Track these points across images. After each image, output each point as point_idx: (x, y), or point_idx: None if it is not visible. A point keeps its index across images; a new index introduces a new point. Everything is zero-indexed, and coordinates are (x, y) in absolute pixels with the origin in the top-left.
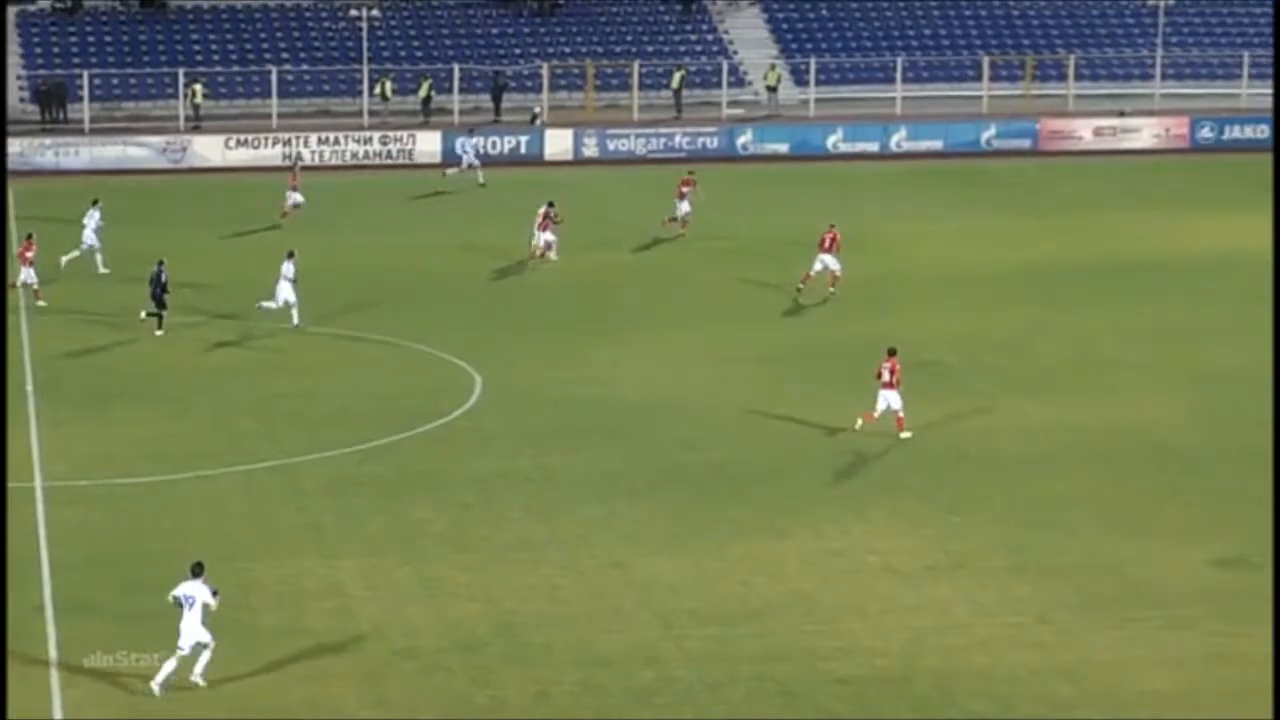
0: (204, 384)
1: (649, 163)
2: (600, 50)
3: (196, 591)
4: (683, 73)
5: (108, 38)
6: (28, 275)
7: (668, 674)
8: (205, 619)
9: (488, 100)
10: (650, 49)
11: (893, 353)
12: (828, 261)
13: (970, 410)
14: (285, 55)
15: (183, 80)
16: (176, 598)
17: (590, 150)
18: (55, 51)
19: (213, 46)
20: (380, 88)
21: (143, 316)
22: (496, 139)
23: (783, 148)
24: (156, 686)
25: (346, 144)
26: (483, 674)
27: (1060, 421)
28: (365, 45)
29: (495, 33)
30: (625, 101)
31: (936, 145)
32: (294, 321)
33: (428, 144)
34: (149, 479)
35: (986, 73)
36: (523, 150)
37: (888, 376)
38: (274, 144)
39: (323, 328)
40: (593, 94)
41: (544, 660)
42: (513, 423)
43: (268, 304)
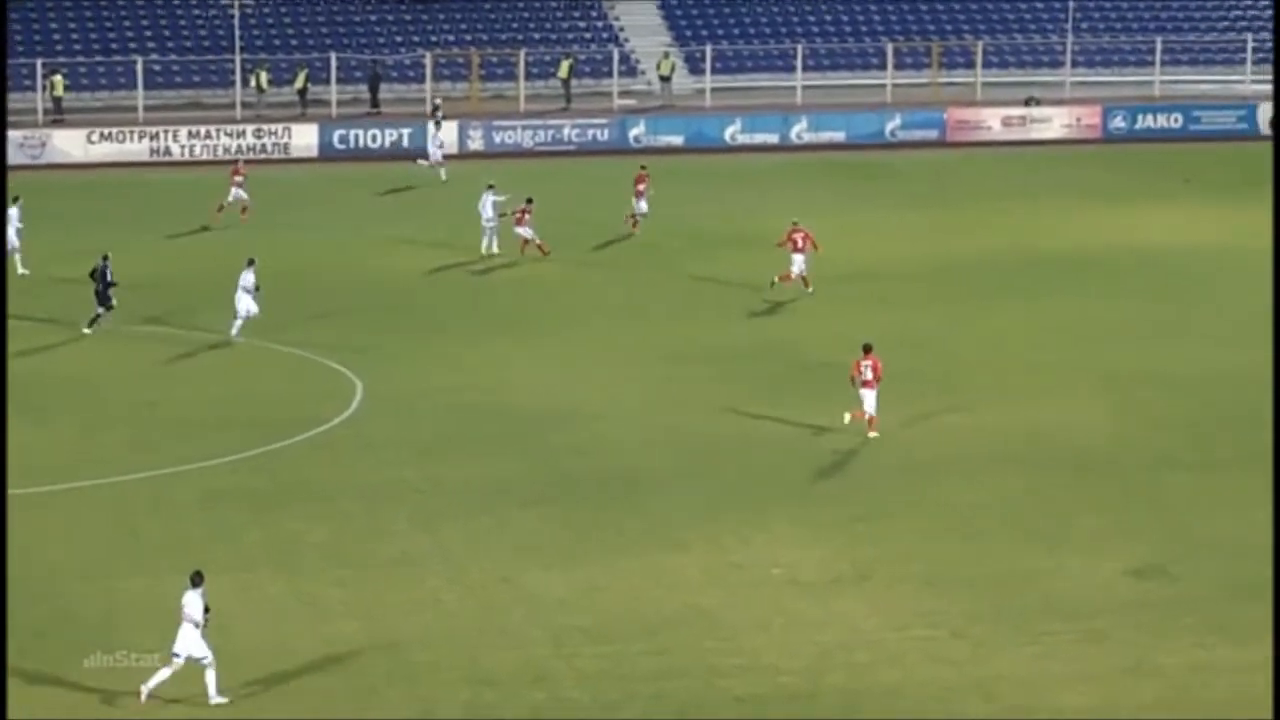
0: (72, 392)
1: (537, 156)
2: (485, 38)
3: (188, 604)
4: (571, 62)
5: None
6: None
7: (559, 694)
8: (204, 632)
9: (367, 91)
10: (537, 37)
11: (868, 349)
12: (799, 262)
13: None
14: (152, 44)
15: (41, 71)
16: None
17: (476, 143)
18: None
19: (74, 35)
20: (255, 79)
21: (86, 331)
22: (376, 132)
23: (677, 140)
24: (145, 691)
25: (219, 138)
26: (364, 695)
27: (971, 424)
28: (238, 33)
29: (375, 20)
30: (511, 92)
31: (839, 136)
32: (233, 332)
33: (304, 137)
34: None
35: (891, 60)
36: (405, 144)
37: (868, 375)
38: (140, 138)
39: (196, 332)
40: (477, 84)
41: (429, 680)
42: (397, 430)
43: (236, 324)
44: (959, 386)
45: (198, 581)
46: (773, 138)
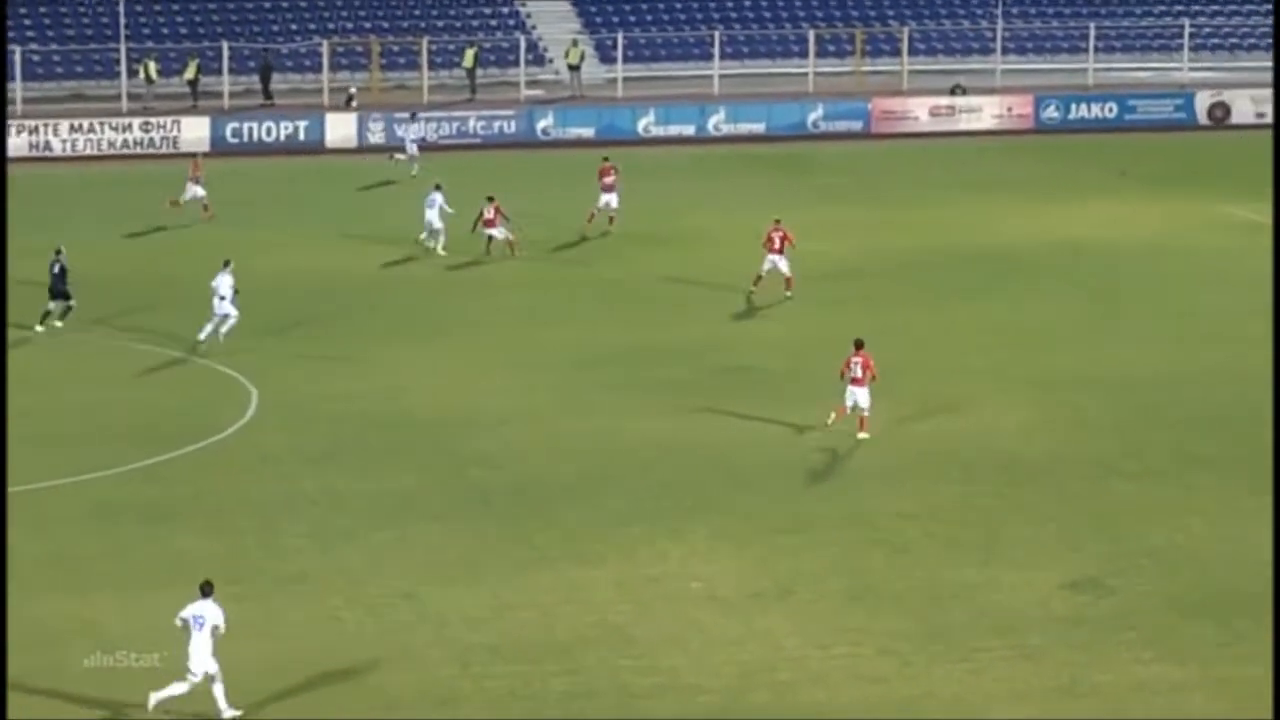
0: None
1: (441, 150)
2: (386, 26)
3: (207, 612)
4: (476, 50)
5: None
6: None
7: (467, 717)
8: (214, 645)
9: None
10: (440, 24)
11: (860, 345)
12: (777, 262)
13: (799, 420)
14: (31, 33)
15: None
16: (185, 620)
17: (376, 136)
18: None
19: None
20: (143, 69)
21: (39, 329)
22: (271, 124)
23: (588, 132)
24: (153, 700)
25: (103, 132)
26: None
27: (899, 431)
28: (124, 22)
29: (269, 7)
30: (414, 82)
31: (758, 128)
32: (203, 333)
33: (195, 130)
34: None
35: (813, 48)
36: (301, 137)
37: (859, 372)
38: (19, 132)
39: (81, 334)
40: (378, 74)
41: (328, 704)
42: (294, 440)
43: (208, 330)
44: (885, 391)
45: (208, 591)
46: (688, 130)
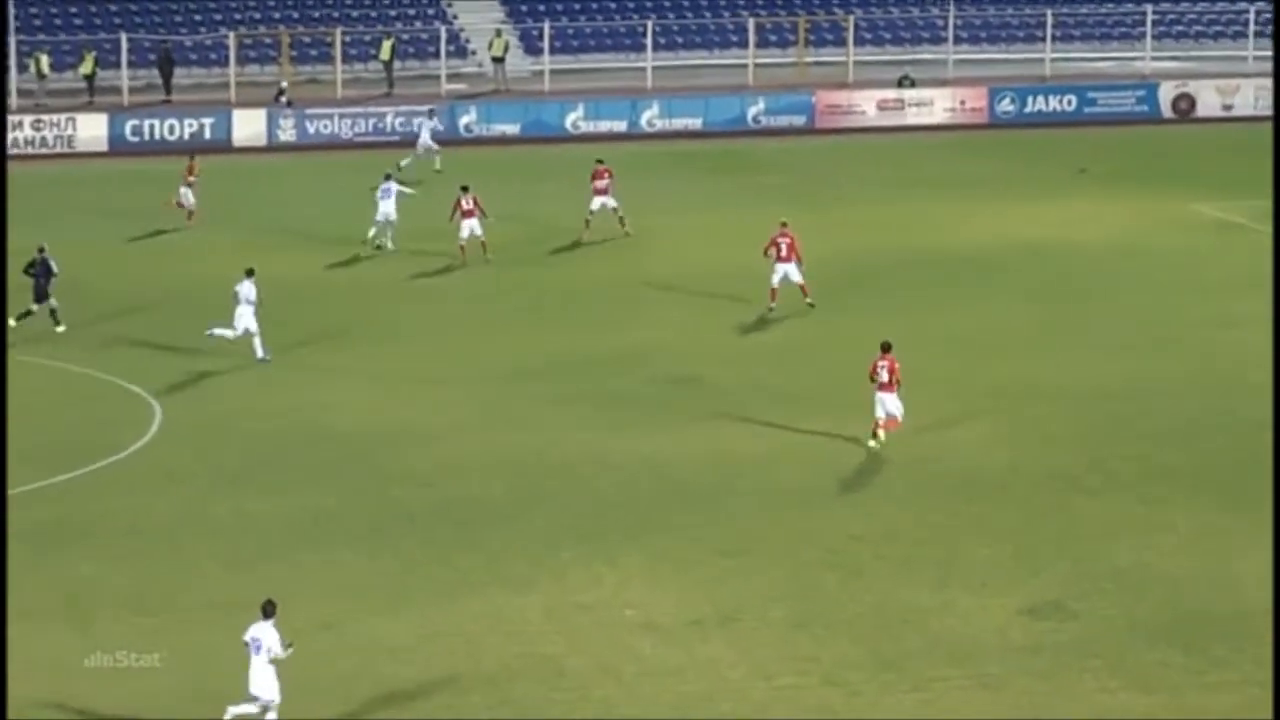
0: None
1: (357, 148)
2: (295, 16)
3: (264, 636)
4: (393, 41)
5: None
6: None
7: None
8: (276, 669)
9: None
10: (355, 14)
11: (887, 348)
12: (789, 272)
13: (741, 434)
14: None
15: None
16: (245, 641)
17: (287, 134)
18: None
19: None
20: (34, 63)
21: (12, 323)
22: (174, 122)
23: (513, 128)
24: (230, 712)
25: None
26: None
27: (847, 446)
28: (12, 13)
29: None
30: (328, 76)
31: (695, 123)
32: (258, 355)
33: (92, 129)
34: None
35: (753, 38)
36: (206, 135)
37: (885, 377)
38: None
39: None
40: (289, 67)
41: None
42: (203, 459)
43: (222, 331)
44: (832, 403)
45: (269, 612)
46: (620, 125)
